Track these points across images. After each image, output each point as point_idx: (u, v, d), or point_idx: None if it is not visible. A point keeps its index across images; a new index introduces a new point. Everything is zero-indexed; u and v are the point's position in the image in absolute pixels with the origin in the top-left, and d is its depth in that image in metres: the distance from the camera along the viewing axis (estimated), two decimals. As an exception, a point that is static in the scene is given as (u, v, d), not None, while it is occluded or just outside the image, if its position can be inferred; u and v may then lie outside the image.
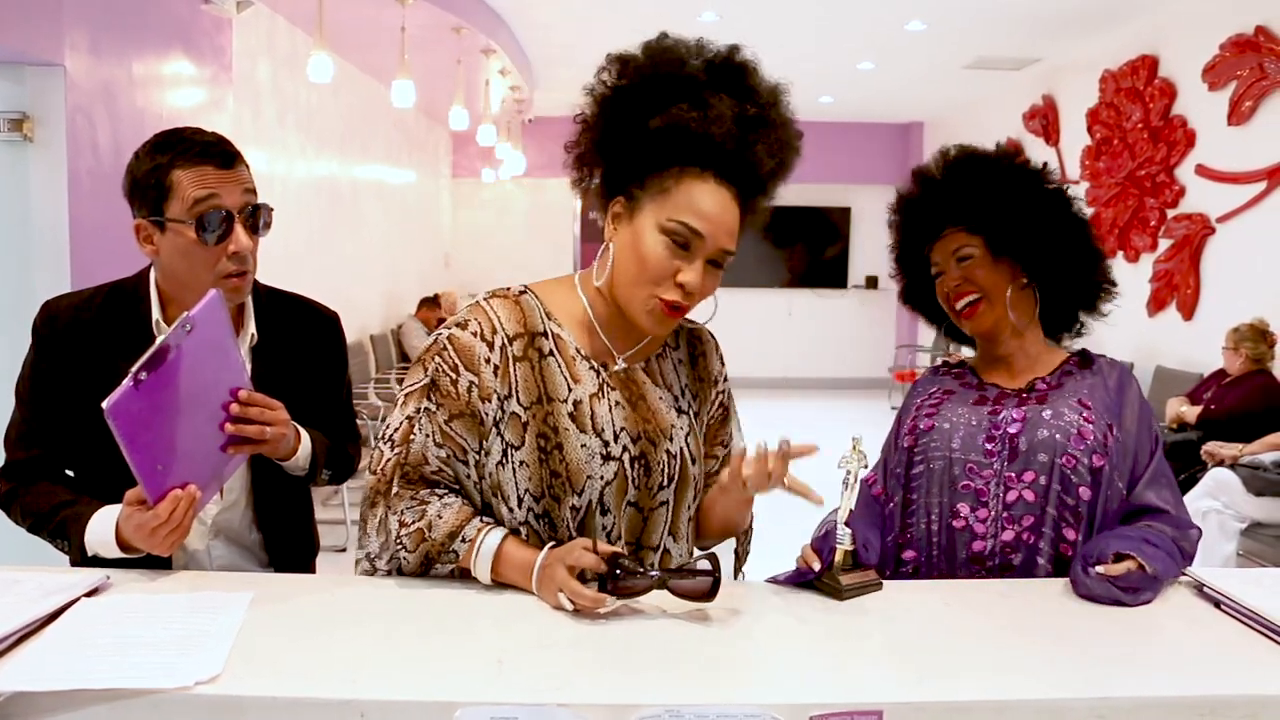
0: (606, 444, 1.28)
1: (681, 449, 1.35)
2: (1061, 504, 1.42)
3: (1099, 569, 1.28)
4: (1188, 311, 5.84)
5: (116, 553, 1.34)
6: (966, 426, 1.49)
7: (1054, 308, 1.57)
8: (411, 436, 1.29)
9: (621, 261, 1.27)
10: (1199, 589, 1.30)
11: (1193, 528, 1.42)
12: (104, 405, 1.14)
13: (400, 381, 1.36)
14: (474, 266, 10.20)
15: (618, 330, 1.34)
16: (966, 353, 1.69)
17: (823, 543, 1.32)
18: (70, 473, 1.50)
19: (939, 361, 1.70)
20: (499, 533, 1.27)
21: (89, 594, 1.20)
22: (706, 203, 1.24)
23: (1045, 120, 7.67)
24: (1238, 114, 5.36)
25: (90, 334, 1.46)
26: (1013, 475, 1.44)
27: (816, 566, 1.29)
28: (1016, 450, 1.44)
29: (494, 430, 1.28)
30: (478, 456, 1.30)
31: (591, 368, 1.32)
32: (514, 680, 1.01)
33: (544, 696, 0.97)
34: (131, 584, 1.27)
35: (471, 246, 10.42)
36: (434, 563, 1.28)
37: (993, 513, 1.44)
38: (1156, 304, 6.15)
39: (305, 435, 1.49)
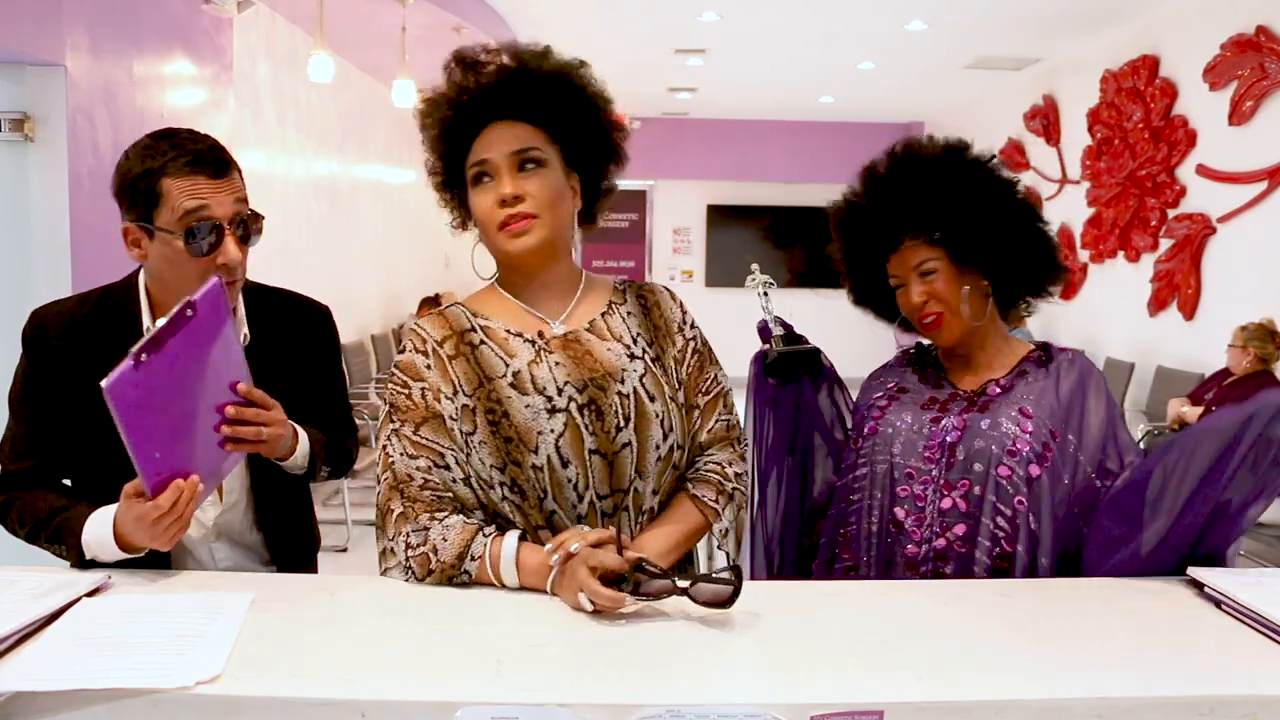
0: (550, 399, 1.35)
1: (635, 389, 1.40)
2: (997, 513, 1.42)
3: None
4: (1189, 311, 5.83)
5: (114, 553, 1.32)
6: (908, 433, 1.50)
7: (1007, 294, 1.56)
8: (391, 461, 1.34)
9: (481, 230, 1.44)
10: (1199, 589, 1.30)
11: None
12: (103, 384, 1.11)
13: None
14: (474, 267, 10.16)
15: (542, 299, 1.44)
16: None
17: (765, 333, 1.65)
18: (67, 482, 1.49)
19: (904, 350, 1.67)
20: (513, 536, 1.29)
21: (89, 594, 1.20)
22: (479, 144, 1.40)
23: (1046, 120, 7.67)
24: (1239, 114, 5.36)
25: (81, 340, 1.45)
26: (948, 483, 1.45)
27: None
28: (953, 459, 1.45)
29: (455, 427, 1.34)
30: (456, 454, 1.34)
31: (525, 340, 1.40)
32: (514, 680, 1.01)
33: (544, 696, 0.97)
34: (132, 584, 1.27)
35: (471, 246, 10.39)
36: (447, 585, 1.29)
37: (927, 518, 1.44)
38: (1157, 304, 6.15)
39: (303, 434, 1.49)
